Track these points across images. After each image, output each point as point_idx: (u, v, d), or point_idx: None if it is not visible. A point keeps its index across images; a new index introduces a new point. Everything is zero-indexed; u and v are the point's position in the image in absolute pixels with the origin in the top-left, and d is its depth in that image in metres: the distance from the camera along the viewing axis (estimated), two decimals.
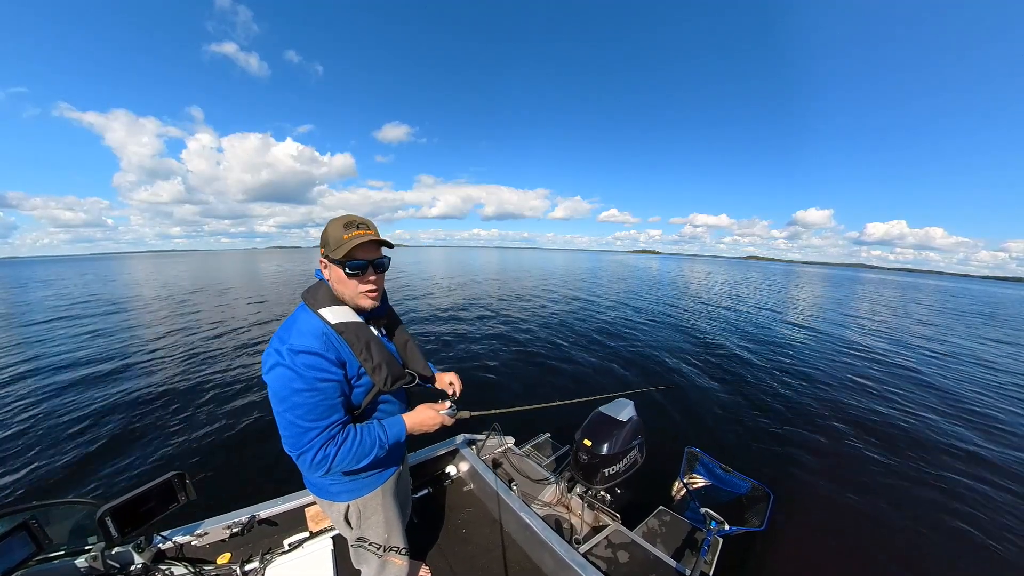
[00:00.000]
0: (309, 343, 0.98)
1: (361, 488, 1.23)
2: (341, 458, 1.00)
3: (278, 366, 0.96)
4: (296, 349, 0.96)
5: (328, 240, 1.06)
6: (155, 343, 7.67)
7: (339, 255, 1.02)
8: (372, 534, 1.31)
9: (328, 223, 1.08)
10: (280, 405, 0.96)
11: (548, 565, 1.66)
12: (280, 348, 0.97)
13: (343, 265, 1.04)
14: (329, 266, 1.09)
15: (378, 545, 1.32)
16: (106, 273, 34.33)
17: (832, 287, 30.34)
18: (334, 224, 1.06)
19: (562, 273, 29.72)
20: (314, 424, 0.97)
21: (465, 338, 7.94)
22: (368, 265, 1.07)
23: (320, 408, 0.97)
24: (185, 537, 1.65)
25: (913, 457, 3.85)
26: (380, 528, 1.30)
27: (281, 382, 0.95)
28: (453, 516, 2.08)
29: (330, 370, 0.99)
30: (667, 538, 1.99)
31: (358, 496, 1.23)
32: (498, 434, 2.53)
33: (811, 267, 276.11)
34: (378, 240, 1.05)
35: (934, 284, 62.46)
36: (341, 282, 1.09)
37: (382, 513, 1.29)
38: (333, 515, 1.29)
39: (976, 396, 5.77)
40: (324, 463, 0.98)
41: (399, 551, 1.37)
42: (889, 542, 2.72)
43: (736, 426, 4.35)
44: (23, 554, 1.25)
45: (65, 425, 4.17)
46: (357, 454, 1.03)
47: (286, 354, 0.96)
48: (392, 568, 1.39)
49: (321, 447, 0.97)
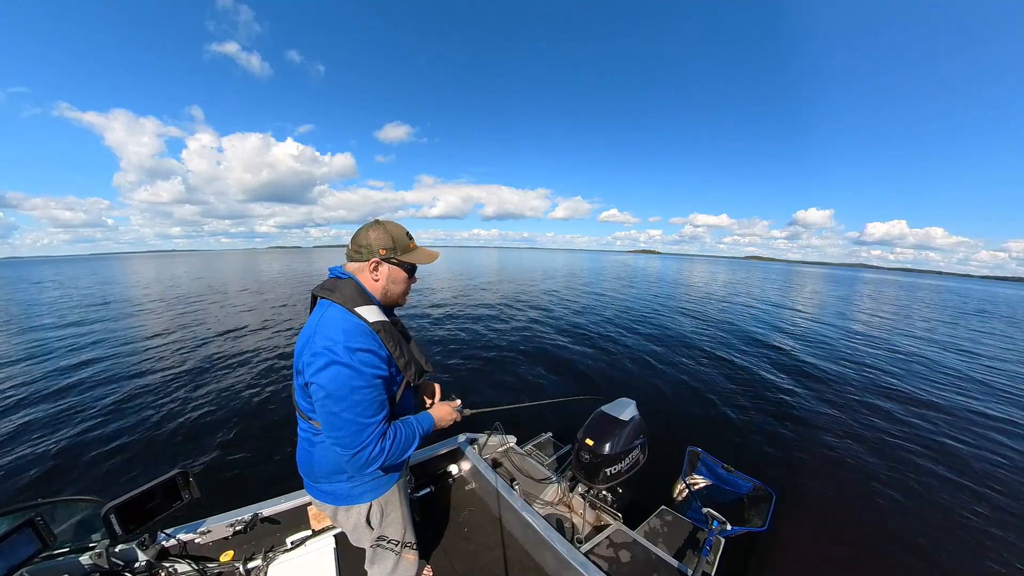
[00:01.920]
0: (364, 341, 1.01)
1: (381, 486, 1.25)
2: (395, 450, 1.05)
3: (334, 364, 0.95)
4: (354, 347, 0.98)
5: (395, 242, 1.14)
6: (157, 342, 7.70)
7: (411, 259, 1.16)
8: (392, 531, 1.32)
9: (387, 225, 1.15)
10: (339, 404, 0.96)
11: (550, 564, 1.66)
12: (333, 347, 0.96)
13: (412, 268, 1.19)
14: (386, 265, 1.15)
15: (396, 542, 1.33)
16: (110, 273, 34.50)
17: (832, 287, 30.25)
18: (397, 229, 1.16)
19: (563, 274, 29.69)
20: (371, 419, 1.00)
21: (462, 338, 7.95)
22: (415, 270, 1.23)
23: (376, 403, 1.01)
24: (188, 535, 1.66)
25: (918, 457, 3.84)
26: (399, 524, 1.32)
27: (340, 380, 0.95)
28: (455, 515, 2.08)
29: (382, 366, 1.04)
30: (669, 538, 1.99)
31: (381, 494, 1.25)
32: (500, 433, 2.53)
33: (811, 267, 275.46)
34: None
35: (934, 284, 62.30)
36: (397, 282, 1.18)
37: (400, 508, 1.32)
38: (351, 520, 1.26)
39: (976, 395, 5.76)
40: (381, 456, 1.02)
41: (413, 546, 1.39)
42: (891, 542, 2.72)
43: (738, 426, 4.35)
44: (29, 551, 1.25)
45: (70, 423, 4.19)
46: (404, 445, 1.08)
47: (343, 352, 0.96)
48: (406, 564, 1.39)
49: (378, 441, 1.01)
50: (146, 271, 35.61)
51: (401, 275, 1.18)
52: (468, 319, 9.89)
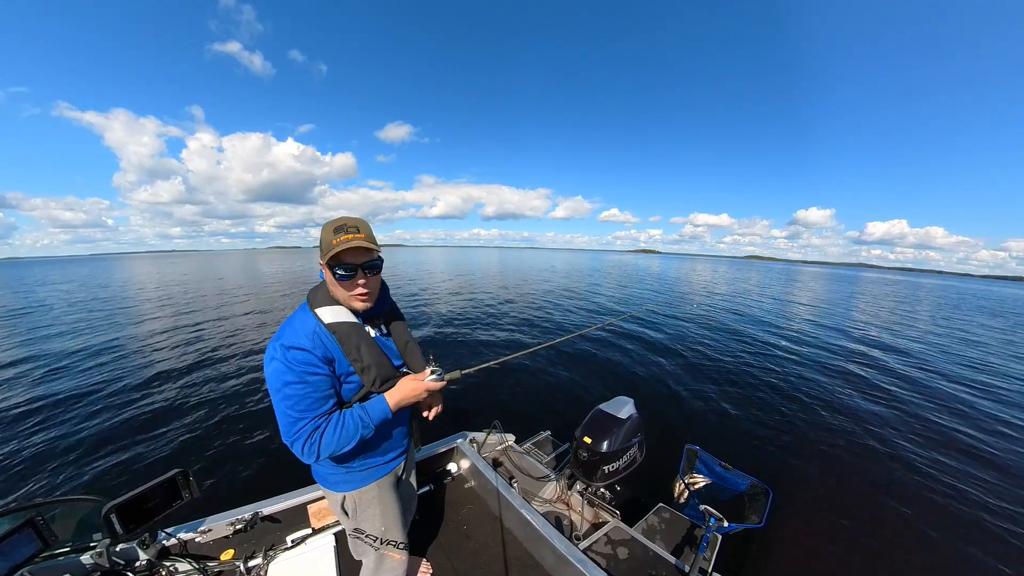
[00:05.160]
0: (300, 340, 1.05)
1: (355, 481, 1.27)
2: (327, 443, 1.05)
3: (273, 360, 1.04)
4: (287, 345, 1.03)
5: (321, 244, 1.09)
6: (157, 341, 7.70)
7: (329, 260, 1.05)
8: (368, 526, 1.34)
9: (323, 227, 1.10)
10: (274, 396, 1.04)
11: (548, 561, 1.68)
12: (274, 344, 1.05)
13: (333, 269, 1.08)
14: (325, 269, 1.11)
15: (375, 538, 1.34)
16: (113, 274, 34.37)
17: (833, 286, 30.32)
18: (326, 229, 1.08)
19: (563, 274, 29.67)
20: (303, 414, 1.03)
21: (465, 334, 7.96)
22: (358, 269, 1.09)
23: (309, 400, 1.04)
24: (189, 534, 1.67)
25: (912, 453, 3.87)
26: (376, 521, 1.33)
27: (275, 375, 1.03)
28: (454, 513, 2.09)
29: (318, 365, 1.05)
30: (666, 535, 2.01)
31: (353, 488, 1.28)
32: (498, 432, 2.54)
33: (812, 266, 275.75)
34: (368, 244, 1.06)
35: (934, 283, 62.42)
36: (334, 285, 1.13)
37: (378, 507, 1.32)
38: (333, 504, 1.34)
39: (976, 394, 5.79)
40: (313, 449, 1.04)
41: (397, 545, 1.39)
42: (887, 539, 2.74)
43: (736, 423, 4.37)
44: (29, 551, 1.26)
45: (70, 423, 4.19)
46: (342, 437, 1.07)
47: (278, 349, 1.03)
48: (389, 562, 1.40)
49: (309, 435, 1.04)
50: (147, 271, 35.49)
51: (332, 278, 1.11)
52: (467, 315, 9.89)
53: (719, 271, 44.71)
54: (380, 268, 1.18)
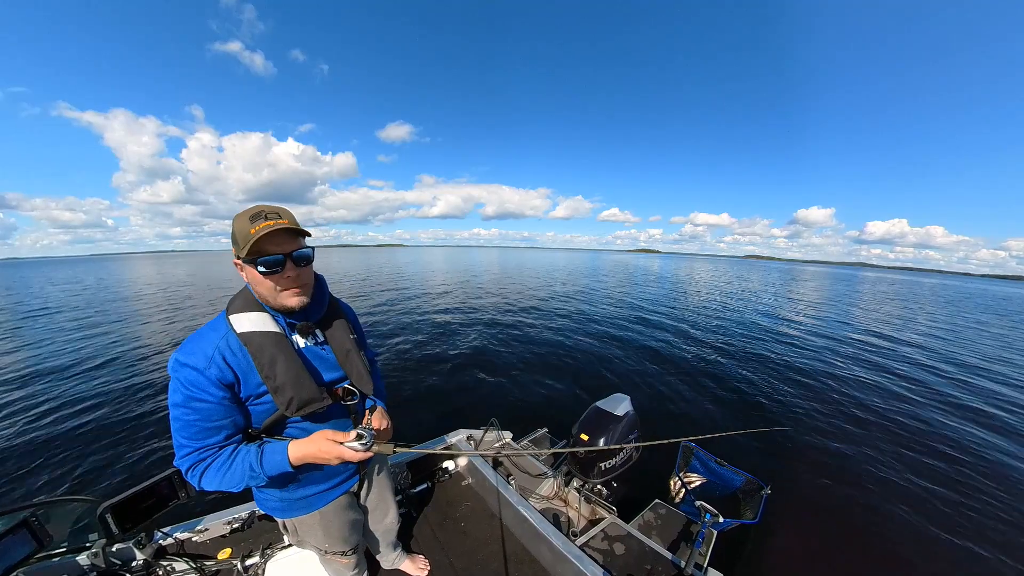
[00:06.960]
0: (194, 357, 0.89)
1: (292, 509, 1.14)
2: (208, 480, 0.92)
3: (171, 376, 0.91)
4: (181, 361, 0.89)
5: (236, 237, 0.90)
6: (157, 340, 7.65)
7: (248, 252, 0.87)
8: (311, 541, 1.25)
9: (234, 218, 0.91)
10: (170, 415, 0.93)
11: (546, 557, 1.69)
12: (173, 356, 0.91)
13: (254, 263, 0.89)
14: (244, 267, 0.93)
15: (317, 548, 1.27)
16: (117, 274, 34.07)
17: (832, 285, 30.50)
18: (239, 218, 0.89)
19: (562, 274, 29.69)
20: (187, 442, 0.91)
21: (453, 335, 7.96)
22: (285, 258, 0.91)
23: (193, 428, 0.90)
24: (186, 533, 1.67)
25: (907, 449, 3.90)
26: (319, 540, 1.23)
27: (170, 391, 0.91)
28: (452, 510, 2.10)
29: (207, 390, 0.88)
30: (662, 530, 2.02)
31: (290, 516, 1.16)
32: (496, 429, 2.55)
33: (812, 266, 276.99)
34: (292, 229, 0.89)
35: (934, 283, 62.79)
36: (257, 282, 0.93)
37: (321, 531, 1.20)
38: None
39: (976, 392, 5.85)
40: (195, 481, 0.93)
41: (345, 553, 1.30)
42: (881, 534, 2.77)
43: (732, 420, 4.39)
44: (24, 552, 1.25)
45: (65, 423, 4.16)
46: (226, 480, 0.92)
47: (173, 363, 0.90)
48: (336, 564, 1.35)
49: (192, 465, 0.92)
50: (147, 271, 35.22)
51: (253, 274, 0.92)
52: (466, 313, 9.89)
53: (719, 270, 44.85)
54: (311, 259, 0.98)
